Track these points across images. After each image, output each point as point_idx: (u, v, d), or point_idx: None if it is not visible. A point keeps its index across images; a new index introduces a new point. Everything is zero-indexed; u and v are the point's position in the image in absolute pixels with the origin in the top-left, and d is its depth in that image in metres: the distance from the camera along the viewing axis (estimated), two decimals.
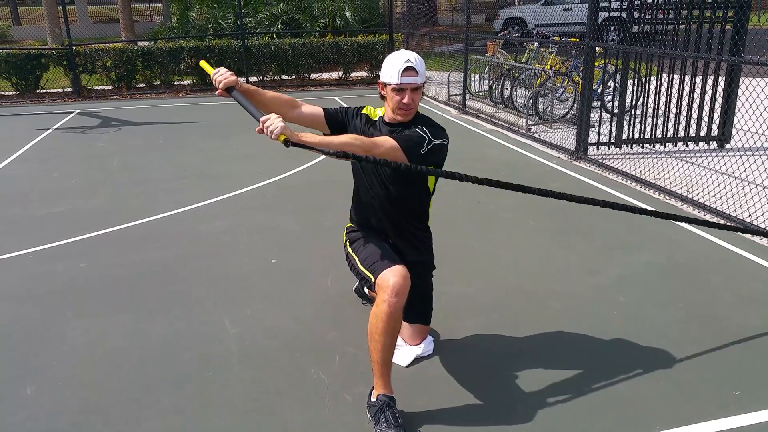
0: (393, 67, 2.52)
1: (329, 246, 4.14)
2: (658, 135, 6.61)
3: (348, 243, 2.85)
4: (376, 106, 2.80)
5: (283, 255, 4.19)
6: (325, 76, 13.40)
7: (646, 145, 6.77)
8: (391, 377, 2.51)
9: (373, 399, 2.50)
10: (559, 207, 4.81)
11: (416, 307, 2.88)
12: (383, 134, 2.62)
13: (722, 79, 6.31)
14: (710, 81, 6.33)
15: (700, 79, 6.31)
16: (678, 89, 6.29)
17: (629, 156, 6.51)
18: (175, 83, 12.56)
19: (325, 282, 3.74)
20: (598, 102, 7.62)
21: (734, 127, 6.53)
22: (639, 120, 6.58)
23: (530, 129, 7.84)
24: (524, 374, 2.80)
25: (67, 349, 3.07)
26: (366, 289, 3.35)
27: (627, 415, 2.52)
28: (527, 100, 8.21)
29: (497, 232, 4.57)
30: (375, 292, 2.51)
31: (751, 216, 4.51)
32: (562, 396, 2.64)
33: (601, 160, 6.29)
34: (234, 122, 8.86)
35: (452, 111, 9.76)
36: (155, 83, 12.43)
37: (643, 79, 6.60)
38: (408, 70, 2.50)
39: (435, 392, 2.69)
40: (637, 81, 6.81)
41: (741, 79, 6.06)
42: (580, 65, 7.33)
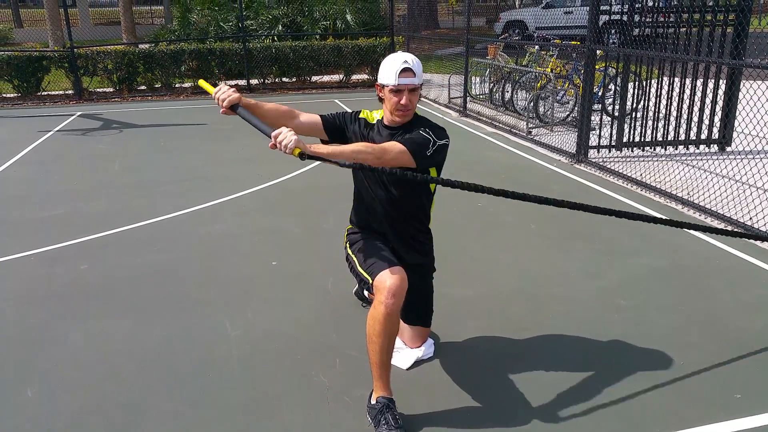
0: (390, 69, 2.52)
1: (330, 249, 4.14)
2: (659, 138, 6.61)
3: (348, 245, 2.85)
4: (372, 109, 2.80)
5: (284, 257, 4.19)
6: (326, 78, 13.41)
7: (647, 148, 6.77)
8: (392, 380, 2.51)
9: (373, 401, 2.49)
10: (560, 210, 4.78)
11: (416, 309, 2.88)
12: (384, 138, 2.63)
13: (723, 82, 6.32)
14: (711, 84, 6.33)
15: (700, 82, 6.32)
16: (679, 92, 6.30)
17: (630, 159, 6.51)
18: (177, 85, 12.57)
19: (326, 285, 3.74)
20: (598, 105, 7.62)
21: (735, 130, 6.54)
22: (640, 123, 6.59)
23: (531, 132, 7.85)
24: (525, 377, 2.80)
25: (68, 351, 3.07)
26: (366, 292, 3.34)
27: (628, 419, 2.51)
28: (528, 103, 8.22)
29: (498, 235, 4.57)
30: (373, 293, 2.51)
31: (752, 219, 4.51)
32: (563, 399, 2.64)
33: (601, 163, 6.29)
34: (235, 125, 8.80)
35: (453, 114, 9.77)
36: (156, 85, 12.45)
37: (644, 82, 6.61)
38: (405, 71, 2.51)
39: (435, 395, 2.69)
40: (637, 84, 6.82)
41: (742, 82, 6.06)
42: (581, 68, 7.33)
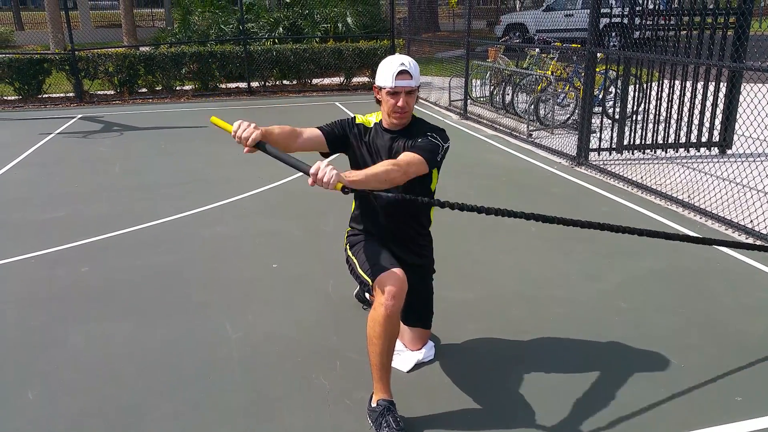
0: (387, 71, 2.53)
1: (330, 251, 4.14)
2: (660, 141, 6.62)
3: (348, 247, 2.85)
4: (365, 113, 2.80)
5: (285, 260, 4.19)
6: (327, 81, 13.42)
7: (648, 151, 6.77)
8: (392, 382, 2.51)
9: (374, 404, 2.49)
10: (560, 213, 4.79)
11: (416, 310, 2.89)
12: (385, 141, 2.65)
13: (723, 85, 6.32)
14: (711, 87, 6.34)
15: (701, 85, 6.32)
16: (679, 95, 6.30)
17: (630, 162, 6.51)
18: (177, 88, 12.58)
19: (327, 287, 3.74)
20: (599, 108, 7.62)
21: (735, 133, 6.54)
22: (640, 126, 6.59)
23: (531, 134, 7.85)
24: (525, 380, 2.80)
25: (68, 354, 3.07)
26: (366, 294, 3.34)
27: (628, 421, 2.51)
28: (528, 105, 8.22)
29: (498, 237, 4.57)
30: (373, 295, 2.51)
31: (752, 222, 4.51)
32: (564, 402, 2.64)
33: (602, 166, 6.30)
34: None
35: (453, 116, 9.77)
36: (157, 88, 12.47)
37: (645, 84, 6.61)
38: (402, 73, 2.52)
39: (436, 397, 2.69)
40: (638, 87, 6.83)
41: (742, 85, 6.07)
42: (582, 71, 7.35)
